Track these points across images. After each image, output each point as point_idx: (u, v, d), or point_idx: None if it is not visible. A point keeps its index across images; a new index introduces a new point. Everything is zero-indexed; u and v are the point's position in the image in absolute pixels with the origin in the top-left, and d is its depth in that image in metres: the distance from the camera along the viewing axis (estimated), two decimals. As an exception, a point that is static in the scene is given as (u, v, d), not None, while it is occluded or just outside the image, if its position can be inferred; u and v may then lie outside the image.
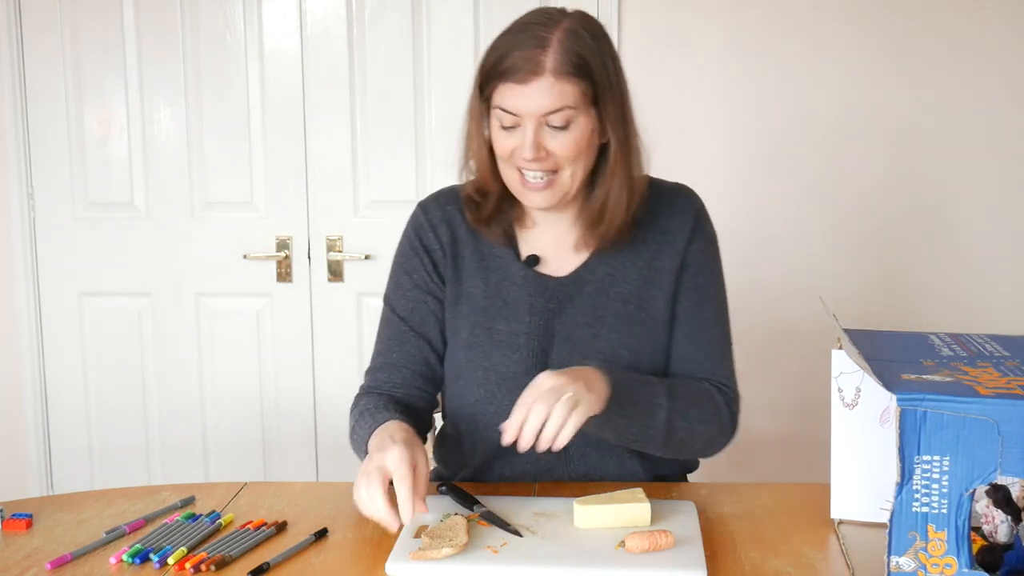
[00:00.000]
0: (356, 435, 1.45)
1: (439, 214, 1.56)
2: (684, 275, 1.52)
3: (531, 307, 1.50)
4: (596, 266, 1.52)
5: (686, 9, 2.68)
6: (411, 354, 1.54)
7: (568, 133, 1.38)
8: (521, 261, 1.53)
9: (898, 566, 1.03)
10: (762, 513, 1.37)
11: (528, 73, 1.35)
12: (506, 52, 1.37)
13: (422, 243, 1.55)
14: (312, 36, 2.75)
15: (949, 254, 2.72)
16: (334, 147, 2.78)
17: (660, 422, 1.40)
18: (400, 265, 1.58)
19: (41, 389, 2.92)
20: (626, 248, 1.51)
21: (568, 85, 1.36)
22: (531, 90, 1.35)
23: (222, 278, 2.85)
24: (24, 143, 2.83)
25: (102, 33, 2.78)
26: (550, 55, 1.35)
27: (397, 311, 1.56)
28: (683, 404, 1.43)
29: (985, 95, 2.65)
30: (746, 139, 2.71)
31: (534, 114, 1.36)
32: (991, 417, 0.99)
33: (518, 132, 1.39)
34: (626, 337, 1.49)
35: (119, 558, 1.24)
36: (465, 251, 1.54)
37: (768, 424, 2.73)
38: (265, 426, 2.88)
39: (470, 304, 1.53)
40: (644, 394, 1.39)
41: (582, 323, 1.49)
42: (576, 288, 1.51)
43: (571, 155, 1.40)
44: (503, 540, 1.25)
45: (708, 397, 1.48)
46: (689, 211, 1.54)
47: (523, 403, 1.25)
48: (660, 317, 1.51)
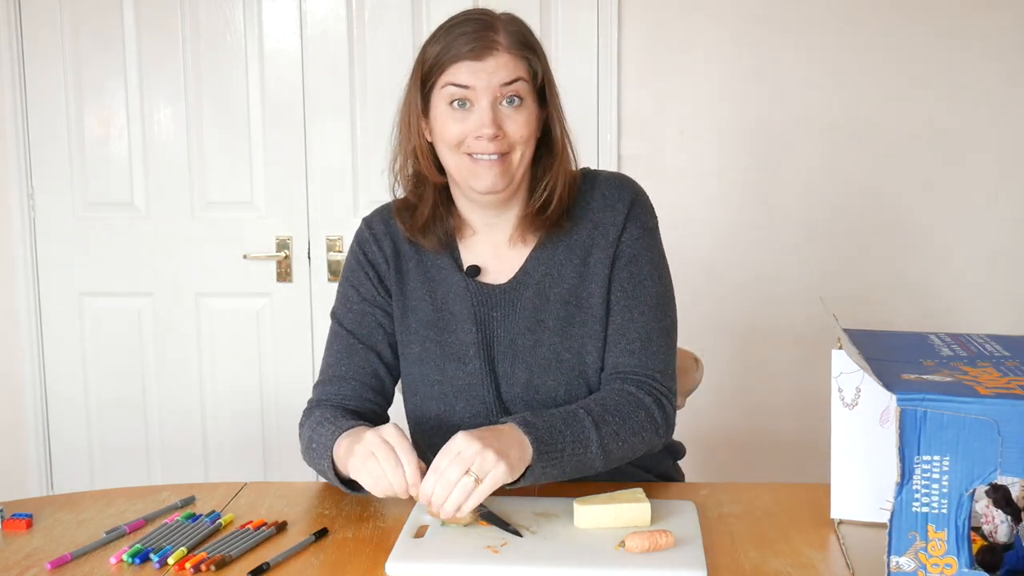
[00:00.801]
0: (316, 444, 1.41)
1: (382, 228, 1.57)
2: (616, 265, 1.49)
3: (475, 317, 1.50)
4: (533, 268, 1.51)
5: (686, 9, 2.68)
6: (360, 366, 1.53)
7: (521, 112, 1.42)
8: (462, 272, 1.52)
9: (898, 566, 1.03)
10: (762, 513, 1.37)
11: (483, 49, 1.39)
12: (453, 39, 1.41)
13: (367, 257, 1.56)
14: (312, 36, 2.75)
15: (950, 254, 2.72)
16: (334, 147, 2.78)
17: (594, 453, 1.36)
18: (347, 279, 1.58)
19: (41, 389, 2.92)
20: (561, 246, 1.51)
21: (520, 62, 1.42)
22: (488, 65, 1.39)
23: (222, 278, 2.85)
24: (24, 143, 2.83)
25: (102, 33, 2.78)
26: (501, 34, 1.41)
27: (345, 325, 1.55)
28: (612, 427, 1.38)
29: (985, 95, 2.66)
30: (746, 139, 2.71)
31: (491, 87, 1.39)
32: (991, 417, 0.99)
33: (470, 115, 1.41)
34: (567, 339, 1.48)
35: (119, 558, 1.24)
36: (409, 264, 1.55)
37: (768, 424, 2.72)
38: (265, 426, 2.88)
39: (417, 318, 1.53)
40: (571, 434, 1.34)
41: (523, 330, 1.49)
42: (516, 294, 1.50)
43: (524, 134, 1.43)
44: (503, 540, 1.25)
45: (635, 406, 1.42)
46: (622, 200, 1.51)
47: (434, 469, 1.23)
48: (598, 313, 1.48)
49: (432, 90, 1.44)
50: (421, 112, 1.47)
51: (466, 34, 1.40)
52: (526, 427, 1.30)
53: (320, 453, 1.40)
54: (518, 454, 1.27)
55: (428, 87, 1.44)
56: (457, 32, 1.41)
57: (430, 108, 1.45)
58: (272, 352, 2.86)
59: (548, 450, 1.30)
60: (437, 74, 1.42)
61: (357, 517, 1.37)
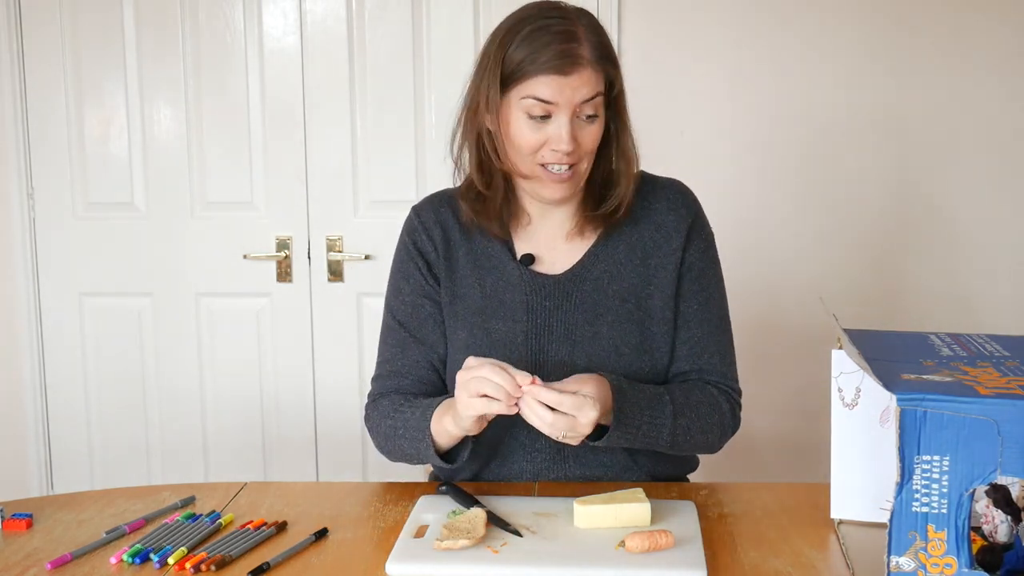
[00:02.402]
0: (404, 428, 1.45)
1: (432, 216, 1.57)
2: (686, 277, 1.53)
3: (528, 306, 1.51)
4: (592, 264, 1.52)
5: (686, 9, 2.68)
6: (415, 361, 1.55)
7: (595, 124, 1.43)
8: (516, 260, 1.53)
9: (898, 566, 1.03)
10: (762, 513, 1.37)
11: (570, 64, 1.38)
12: (540, 47, 1.38)
13: (416, 246, 1.56)
14: (312, 36, 2.75)
15: (949, 254, 2.72)
16: (334, 147, 2.78)
17: (664, 440, 1.43)
18: (398, 270, 1.59)
19: (41, 389, 2.92)
20: (622, 244, 1.52)
21: (601, 76, 1.41)
22: (572, 81, 1.38)
23: (222, 278, 2.85)
24: (24, 143, 2.83)
25: (102, 33, 2.78)
26: (584, 46, 1.39)
27: (397, 317, 1.56)
28: (687, 420, 1.44)
29: (985, 93, 2.65)
30: (747, 139, 2.71)
31: (573, 104, 1.39)
32: (991, 417, 0.99)
33: (547, 126, 1.40)
34: (626, 335, 1.49)
35: (119, 558, 1.24)
36: (459, 252, 1.55)
37: (768, 424, 2.72)
38: (265, 426, 2.88)
39: (466, 305, 1.53)
40: (649, 416, 1.40)
41: (581, 321, 1.50)
42: (573, 286, 1.51)
43: (593, 147, 1.44)
44: (503, 540, 1.25)
45: (714, 405, 1.49)
46: (686, 207, 1.55)
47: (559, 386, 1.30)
48: (657, 316, 1.51)
49: (510, 92, 1.41)
50: (497, 109, 1.43)
51: (551, 45, 1.38)
52: (616, 391, 1.36)
53: (413, 434, 1.44)
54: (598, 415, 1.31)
55: (507, 89, 1.42)
56: (542, 40, 1.38)
57: (504, 108, 1.43)
58: (272, 352, 2.86)
59: (626, 422, 1.37)
60: (518, 81, 1.40)
61: (357, 517, 1.37)
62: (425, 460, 1.47)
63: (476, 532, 1.23)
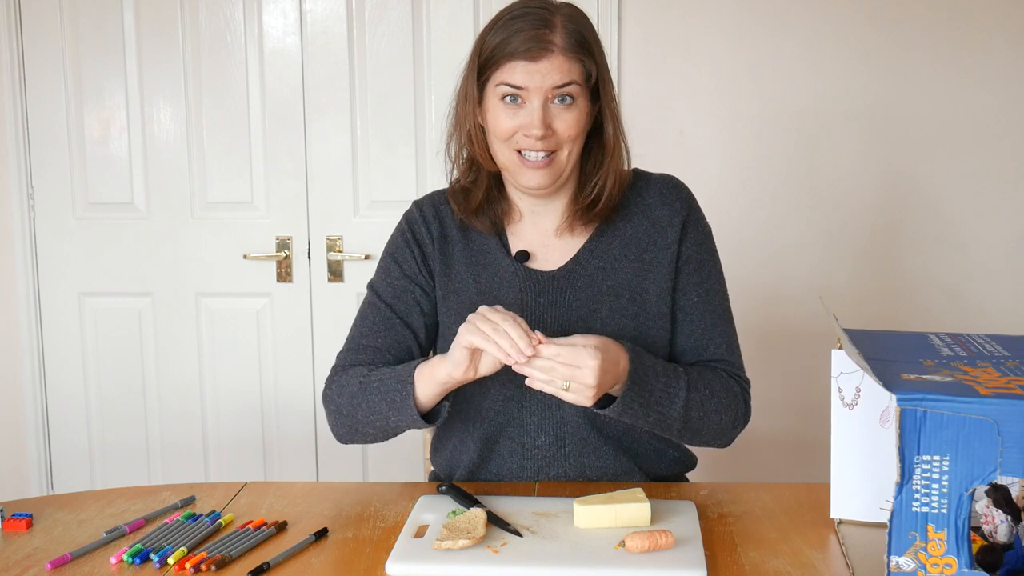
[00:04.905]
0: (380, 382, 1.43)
1: (432, 211, 1.59)
2: (684, 270, 1.53)
3: (523, 302, 1.51)
4: (586, 260, 1.52)
5: (686, 9, 2.68)
6: (396, 340, 1.54)
7: (572, 111, 1.42)
8: (511, 257, 1.53)
9: (898, 566, 1.03)
10: (762, 513, 1.37)
11: (539, 51, 1.39)
12: (511, 33, 1.40)
13: (414, 236, 1.57)
14: (312, 36, 2.75)
15: (949, 253, 2.72)
16: (334, 147, 2.78)
17: (677, 412, 1.41)
18: (390, 254, 1.60)
19: (41, 389, 2.92)
20: (616, 240, 1.53)
21: (575, 64, 1.41)
22: (541, 67, 1.39)
23: (222, 278, 2.85)
24: (24, 143, 2.83)
25: (102, 34, 2.78)
26: (558, 34, 1.40)
27: (383, 297, 1.57)
28: (701, 395, 1.44)
29: (983, 92, 2.65)
30: (746, 139, 2.71)
31: (543, 89, 1.40)
32: (991, 417, 0.99)
33: (521, 111, 1.41)
34: (620, 330, 1.49)
35: (119, 558, 1.24)
36: (455, 249, 1.56)
37: (768, 424, 2.72)
38: (265, 426, 2.88)
39: (460, 300, 1.54)
40: (663, 384, 1.40)
41: (576, 317, 1.50)
42: (567, 282, 1.52)
43: (573, 133, 1.43)
44: (503, 540, 1.25)
45: (728, 389, 1.49)
46: (680, 201, 1.55)
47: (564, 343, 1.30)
48: (653, 310, 1.51)
49: (487, 82, 1.44)
50: (476, 100, 1.47)
51: (523, 31, 1.40)
52: (632, 357, 1.36)
53: (390, 385, 1.42)
54: (611, 382, 1.33)
55: (484, 78, 1.45)
56: (515, 27, 1.41)
57: (484, 98, 1.46)
58: (272, 352, 2.86)
59: (640, 383, 1.36)
60: (492, 69, 1.43)
61: (357, 517, 1.37)
62: (395, 421, 1.44)
63: (476, 532, 1.23)
